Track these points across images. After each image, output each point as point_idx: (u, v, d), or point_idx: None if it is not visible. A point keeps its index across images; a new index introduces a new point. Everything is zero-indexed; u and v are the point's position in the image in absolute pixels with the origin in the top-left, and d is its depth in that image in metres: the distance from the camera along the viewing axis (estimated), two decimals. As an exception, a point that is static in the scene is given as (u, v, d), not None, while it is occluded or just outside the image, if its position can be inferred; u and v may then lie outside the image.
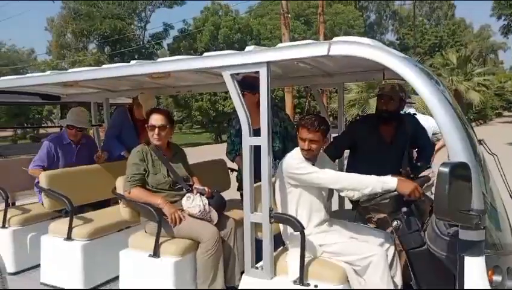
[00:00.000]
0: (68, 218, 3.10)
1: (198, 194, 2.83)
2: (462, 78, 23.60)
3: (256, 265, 2.32)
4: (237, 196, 3.65)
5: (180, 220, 2.73)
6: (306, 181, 2.35)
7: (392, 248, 2.40)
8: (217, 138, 26.98)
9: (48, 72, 3.09)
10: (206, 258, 2.66)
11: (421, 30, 50.22)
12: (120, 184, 2.92)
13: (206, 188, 2.88)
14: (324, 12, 17.64)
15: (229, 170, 4.30)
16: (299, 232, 2.21)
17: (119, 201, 2.95)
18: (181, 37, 35.61)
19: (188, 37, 35.20)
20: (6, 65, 33.24)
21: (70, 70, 2.99)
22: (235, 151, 3.65)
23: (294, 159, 2.42)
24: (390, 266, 2.32)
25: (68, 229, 3.07)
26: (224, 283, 2.75)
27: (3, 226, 3.46)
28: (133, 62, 2.67)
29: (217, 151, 4.24)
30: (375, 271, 2.16)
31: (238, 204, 3.24)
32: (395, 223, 2.15)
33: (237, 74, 2.26)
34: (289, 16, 14.83)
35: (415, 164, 3.31)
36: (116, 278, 2.90)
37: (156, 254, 2.66)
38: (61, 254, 3.10)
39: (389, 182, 2.17)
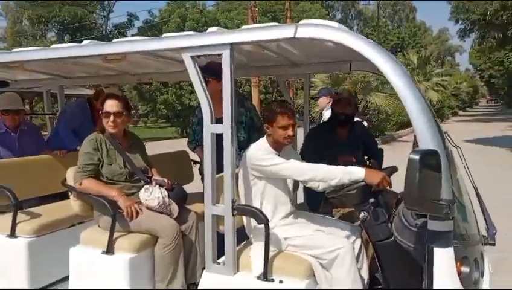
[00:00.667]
0: (12, 213, 2.83)
1: (157, 186, 2.65)
2: (422, 78, 24.50)
3: (218, 260, 2.19)
4: (201, 189, 3.48)
5: (137, 213, 2.54)
6: (271, 173, 2.24)
7: (359, 240, 2.34)
8: (182, 132, 26.42)
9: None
10: (164, 254, 2.49)
11: (384, 31, 51.71)
12: (71, 175, 2.69)
13: (166, 180, 2.70)
14: (291, 9, 17.65)
15: (192, 162, 4.13)
16: (263, 225, 2.11)
17: (70, 194, 2.71)
18: (146, 28, 34.59)
19: (153, 29, 34.23)
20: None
21: (15, 49, 2.72)
22: (195, 141, 3.49)
23: (259, 150, 2.30)
24: (357, 258, 2.26)
25: (12, 225, 2.80)
26: (185, 280, 2.60)
27: None
28: (85, 42, 2.45)
29: (183, 146, 4.06)
30: (342, 264, 2.08)
31: (201, 197, 3.08)
32: (362, 214, 2.08)
33: (198, 57, 2.10)
34: (256, 9, 14.71)
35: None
36: (67, 278, 2.67)
37: (109, 250, 2.46)
38: (4, 253, 2.83)
39: (357, 172, 2.10)
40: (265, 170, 2.24)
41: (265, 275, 2.07)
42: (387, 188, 2.14)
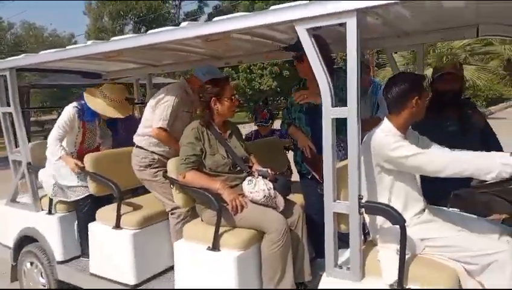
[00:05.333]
0: (115, 205, 2.82)
1: (260, 177, 2.43)
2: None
3: (339, 263, 1.92)
4: (294, 177, 3.22)
5: (242, 207, 2.36)
6: (410, 166, 1.85)
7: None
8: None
9: (89, 42, 2.75)
10: (273, 252, 2.28)
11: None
12: (172, 166, 2.58)
13: (269, 170, 2.48)
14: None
15: (284, 149, 3.89)
16: (392, 225, 1.79)
17: (171, 186, 2.60)
18: (215, 14, 34.94)
19: (221, 14, 34.43)
20: (49, 50, 33.96)
21: (112, 39, 2.64)
22: (287, 121, 2.91)
23: (387, 136, 1.92)
24: None
25: (116, 217, 2.79)
26: (293, 279, 2.37)
27: (50, 212, 3.24)
28: (183, 24, 2.26)
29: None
30: (501, 273, 1.68)
31: (298, 187, 2.84)
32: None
33: (314, 29, 1.80)
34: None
35: None
36: (168, 270, 2.61)
37: (215, 246, 2.31)
38: (110, 244, 2.85)
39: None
40: (403, 163, 1.86)
41: (401, 283, 1.75)
42: None
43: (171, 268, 2.66)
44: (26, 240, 3.42)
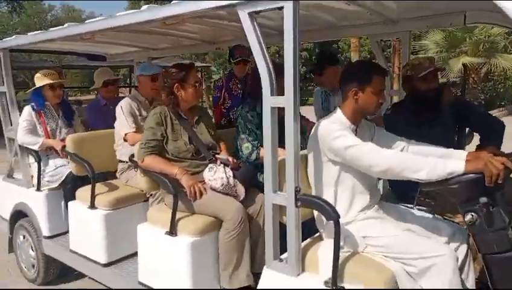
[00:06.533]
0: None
1: (222, 165, 2.41)
2: None
3: (281, 256, 1.87)
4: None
5: (201, 193, 2.35)
6: (349, 158, 1.77)
7: (465, 247, 1.79)
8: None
9: (66, 25, 2.79)
10: (228, 240, 2.27)
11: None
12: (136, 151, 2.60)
13: (231, 158, 2.44)
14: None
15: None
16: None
17: (135, 170, 2.63)
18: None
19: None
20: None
21: (86, 21, 2.66)
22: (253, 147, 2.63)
23: (333, 124, 1.84)
24: (460, 270, 1.73)
25: (91, 197, 2.86)
26: (252, 269, 2.35)
27: (38, 189, 3.37)
28: (144, 7, 2.24)
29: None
30: (438, 276, 1.59)
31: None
32: (468, 216, 1.53)
33: (257, 13, 1.73)
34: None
35: None
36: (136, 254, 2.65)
37: (172, 231, 2.32)
38: (86, 222, 2.93)
39: (454, 160, 1.55)
40: (341, 154, 1.78)
41: (335, 281, 1.69)
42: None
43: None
44: (19, 214, 3.59)
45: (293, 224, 1.74)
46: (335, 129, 1.79)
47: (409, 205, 2.09)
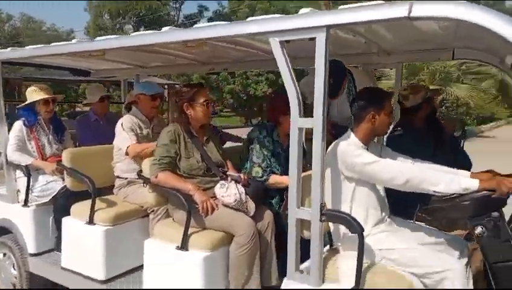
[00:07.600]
0: (90, 200, 2.86)
1: (233, 182, 2.49)
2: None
3: (301, 268, 1.97)
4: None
5: (213, 209, 2.41)
6: (368, 175, 1.94)
7: (465, 259, 1.98)
8: (247, 122, 26.67)
9: (74, 41, 2.81)
10: (240, 254, 2.34)
11: None
12: (146, 166, 2.62)
13: (242, 175, 2.53)
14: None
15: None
16: (352, 233, 1.85)
17: (144, 185, 2.65)
18: (215, 19, 35.16)
19: (221, 19, 34.72)
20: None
21: (98, 38, 2.69)
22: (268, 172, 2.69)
23: (349, 145, 2.02)
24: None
25: (90, 212, 2.83)
26: (260, 282, 2.42)
27: (25, 205, 3.26)
28: (165, 29, 2.33)
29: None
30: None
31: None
32: (479, 229, 1.72)
33: (287, 42, 1.87)
34: (330, -1, 14.07)
35: None
36: (138, 268, 2.64)
37: (183, 246, 2.35)
38: (83, 239, 2.87)
39: (468, 178, 1.75)
40: (360, 170, 1.95)
41: (358, 290, 1.82)
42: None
43: (142, 266, 2.70)
44: (1, 231, 3.43)
45: (317, 237, 1.86)
46: (354, 149, 1.96)
47: (409, 221, 2.28)
